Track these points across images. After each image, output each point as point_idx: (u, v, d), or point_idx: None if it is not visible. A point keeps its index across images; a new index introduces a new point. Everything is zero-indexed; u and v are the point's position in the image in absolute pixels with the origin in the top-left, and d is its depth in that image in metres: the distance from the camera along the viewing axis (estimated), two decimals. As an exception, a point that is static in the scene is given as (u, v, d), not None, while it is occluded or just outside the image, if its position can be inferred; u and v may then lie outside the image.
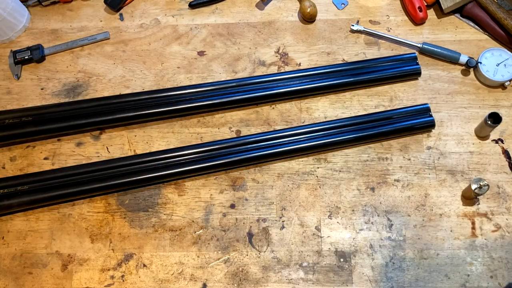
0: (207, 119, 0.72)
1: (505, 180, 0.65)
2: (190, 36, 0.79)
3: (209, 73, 0.75)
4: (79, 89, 0.75)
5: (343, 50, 0.76)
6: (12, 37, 0.80)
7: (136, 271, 0.61)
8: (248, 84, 0.71)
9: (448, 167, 0.66)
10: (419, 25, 0.78)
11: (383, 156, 0.67)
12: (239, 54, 0.77)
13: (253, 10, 0.81)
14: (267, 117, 0.71)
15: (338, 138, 0.66)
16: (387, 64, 0.73)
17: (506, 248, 0.60)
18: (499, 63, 0.71)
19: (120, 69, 0.76)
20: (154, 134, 0.71)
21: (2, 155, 0.70)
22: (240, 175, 0.67)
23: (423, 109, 0.69)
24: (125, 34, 0.80)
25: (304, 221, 0.63)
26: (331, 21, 0.79)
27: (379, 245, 0.61)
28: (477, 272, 0.59)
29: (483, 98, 0.71)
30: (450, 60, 0.73)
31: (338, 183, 0.66)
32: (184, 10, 0.82)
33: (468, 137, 0.68)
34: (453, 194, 0.64)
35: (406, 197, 0.64)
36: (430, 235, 0.62)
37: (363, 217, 0.63)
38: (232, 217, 0.64)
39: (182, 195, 0.66)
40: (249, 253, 0.62)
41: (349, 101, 0.72)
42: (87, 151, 0.70)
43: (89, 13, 0.82)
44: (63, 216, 0.65)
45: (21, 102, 0.74)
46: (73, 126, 0.69)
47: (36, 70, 0.77)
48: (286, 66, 0.75)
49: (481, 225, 0.62)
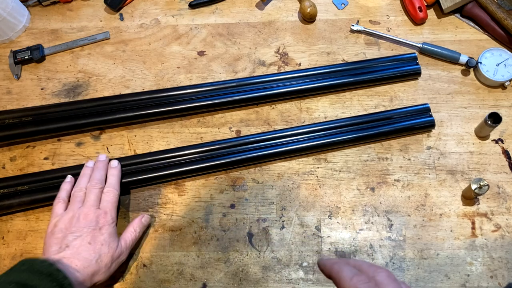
0: (207, 119, 0.72)
1: (505, 180, 0.65)
2: (190, 36, 0.79)
3: (209, 73, 0.75)
4: (79, 89, 0.75)
5: (343, 50, 0.76)
6: (12, 37, 0.80)
7: (136, 271, 0.61)
8: (248, 84, 0.71)
9: (448, 167, 0.66)
10: (419, 25, 0.78)
11: (383, 156, 0.67)
12: (239, 54, 0.77)
13: (253, 10, 0.81)
14: (267, 117, 0.71)
15: (338, 138, 0.66)
16: (387, 64, 0.73)
17: (506, 248, 0.60)
18: (499, 63, 0.71)
19: (120, 69, 0.76)
20: (154, 134, 0.71)
21: (2, 155, 0.70)
22: (240, 175, 0.67)
23: (423, 109, 0.69)
24: (125, 34, 0.80)
25: (304, 221, 0.63)
26: (331, 21, 0.79)
27: (379, 245, 0.61)
28: (477, 272, 0.59)
29: (483, 98, 0.71)
30: (450, 60, 0.74)
31: (338, 183, 0.66)
32: (184, 10, 0.82)
33: (468, 137, 0.68)
34: (453, 194, 0.64)
35: (406, 197, 0.64)
36: (430, 235, 0.62)
37: (363, 217, 0.63)
38: (232, 217, 0.64)
39: (182, 195, 0.66)
40: (249, 253, 0.62)
41: (349, 101, 0.72)
42: (87, 151, 0.70)
43: (89, 13, 0.82)
44: (63, 216, 0.65)
45: (21, 102, 0.74)
46: (73, 126, 0.69)
47: (36, 70, 0.77)
48: (286, 66, 0.75)
49: (481, 225, 0.62)
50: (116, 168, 0.63)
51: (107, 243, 0.55)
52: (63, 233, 0.55)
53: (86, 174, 0.62)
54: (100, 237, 0.55)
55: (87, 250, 0.53)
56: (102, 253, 0.54)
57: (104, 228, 0.56)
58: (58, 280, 0.47)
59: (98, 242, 0.54)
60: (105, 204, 0.58)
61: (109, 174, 0.62)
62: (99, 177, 0.61)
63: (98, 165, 0.63)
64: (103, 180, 0.61)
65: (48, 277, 0.47)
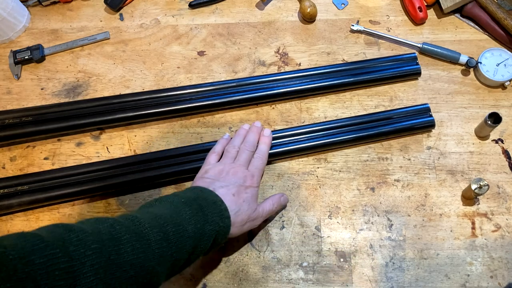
0: (207, 119, 0.72)
1: (505, 180, 0.65)
2: (190, 36, 0.79)
3: (209, 73, 0.75)
4: (79, 89, 0.75)
5: (343, 50, 0.76)
6: (12, 37, 0.80)
7: (136, 271, 0.61)
8: (248, 84, 0.71)
9: (448, 167, 0.66)
10: (419, 25, 0.78)
11: (383, 156, 0.67)
12: (239, 54, 0.77)
13: (253, 10, 0.81)
14: (267, 117, 0.71)
15: (338, 138, 0.66)
16: (387, 64, 0.73)
17: (506, 248, 0.60)
18: (499, 63, 0.71)
19: (120, 69, 0.76)
20: (154, 134, 0.71)
21: (2, 155, 0.70)
22: (240, 175, 0.67)
23: (423, 109, 0.69)
24: (125, 34, 0.80)
25: (304, 221, 0.63)
26: (331, 21, 0.79)
27: (379, 245, 0.61)
28: (477, 272, 0.59)
29: (483, 98, 0.71)
30: (450, 60, 0.74)
31: (338, 183, 0.66)
32: (184, 10, 0.82)
33: (468, 137, 0.68)
34: (453, 194, 0.64)
35: (406, 197, 0.64)
36: (430, 235, 0.62)
37: (363, 217, 0.63)
38: (232, 217, 0.64)
39: (182, 195, 0.66)
40: (249, 253, 0.62)
41: (349, 101, 0.72)
42: (87, 151, 0.70)
43: (89, 13, 0.82)
44: (63, 216, 0.65)
45: (21, 102, 0.74)
46: (73, 126, 0.69)
47: (36, 70, 0.77)
48: (286, 66, 0.75)
49: (481, 225, 0.62)
50: (268, 137, 0.64)
51: (248, 201, 0.56)
52: (212, 179, 0.57)
53: (241, 134, 0.64)
54: (244, 194, 0.56)
55: (230, 200, 0.54)
56: (242, 208, 0.55)
57: (249, 189, 0.57)
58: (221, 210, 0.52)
59: (241, 198, 0.55)
60: (253, 168, 0.60)
61: (261, 141, 0.64)
62: (252, 141, 0.63)
63: (253, 129, 0.65)
64: (255, 144, 0.63)
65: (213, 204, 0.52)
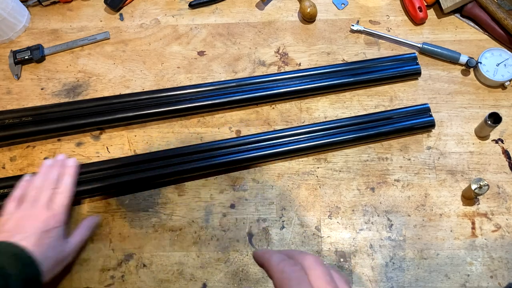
0: (207, 119, 0.72)
1: (505, 180, 0.65)
2: (190, 36, 0.79)
3: (209, 73, 0.75)
4: (79, 89, 0.75)
5: (343, 50, 0.76)
6: (12, 37, 0.80)
7: (136, 271, 0.61)
8: (248, 84, 0.71)
9: (448, 167, 0.66)
10: (419, 25, 0.78)
11: (383, 156, 0.67)
12: (239, 54, 0.77)
13: (253, 10, 0.81)
14: (267, 117, 0.71)
15: (338, 138, 0.66)
16: (387, 64, 0.73)
17: (506, 248, 0.60)
18: (499, 63, 0.71)
19: (120, 69, 0.76)
20: (154, 134, 0.71)
21: (2, 155, 0.70)
22: (240, 175, 0.67)
23: (423, 109, 0.69)
24: (125, 34, 0.80)
25: (304, 221, 0.63)
26: (331, 21, 0.79)
27: (379, 245, 0.61)
28: (477, 272, 0.59)
29: (483, 98, 0.71)
30: (450, 60, 0.74)
31: (338, 183, 0.66)
32: (184, 10, 0.82)
33: (468, 137, 0.68)
34: (453, 194, 0.64)
35: (406, 197, 0.64)
36: (430, 235, 0.62)
37: (363, 217, 0.63)
38: (232, 217, 0.64)
39: (182, 195, 0.66)
40: (249, 253, 0.62)
41: (349, 101, 0.72)
42: (87, 151, 0.70)
43: (89, 13, 0.82)
44: (63, 216, 0.65)
45: (21, 102, 0.74)
46: (73, 126, 0.69)
47: (36, 70, 0.77)
48: (286, 66, 0.75)
49: (481, 225, 0.62)
50: (72, 167, 0.61)
51: (52, 246, 0.54)
52: (11, 232, 0.53)
53: (41, 172, 0.61)
54: (47, 240, 0.53)
55: (32, 251, 0.51)
56: (47, 256, 0.53)
57: (53, 231, 0.54)
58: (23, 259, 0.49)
59: (43, 246, 0.53)
60: (56, 206, 0.57)
61: (65, 173, 0.61)
62: (52, 177, 0.59)
63: (54, 164, 0.62)
64: (56, 180, 0.59)
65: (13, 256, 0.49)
